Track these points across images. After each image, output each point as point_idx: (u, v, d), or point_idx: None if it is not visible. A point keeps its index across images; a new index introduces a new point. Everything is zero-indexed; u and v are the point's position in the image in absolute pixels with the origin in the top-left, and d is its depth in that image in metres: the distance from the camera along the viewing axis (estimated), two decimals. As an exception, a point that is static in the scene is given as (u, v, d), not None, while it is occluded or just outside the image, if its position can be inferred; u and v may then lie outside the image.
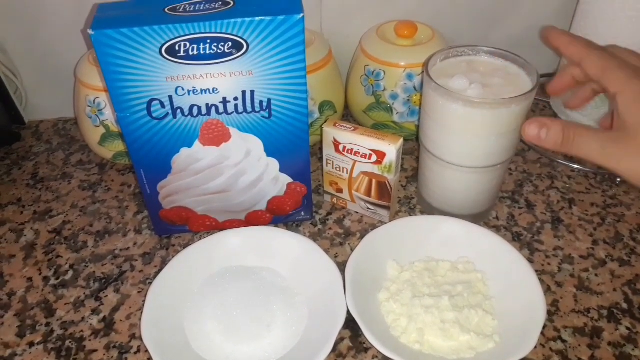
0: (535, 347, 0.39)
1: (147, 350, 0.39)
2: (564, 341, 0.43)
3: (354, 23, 0.63)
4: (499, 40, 0.67)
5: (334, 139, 0.50)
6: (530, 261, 0.49)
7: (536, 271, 0.44)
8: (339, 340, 0.43)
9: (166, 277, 0.44)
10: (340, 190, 0.54)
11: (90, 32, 0.37)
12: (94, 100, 0.54)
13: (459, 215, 0.50)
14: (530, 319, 0.41)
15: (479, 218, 0.52)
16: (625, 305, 0.45)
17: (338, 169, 0.52)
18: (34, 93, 0.67)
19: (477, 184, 0.49)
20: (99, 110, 0.55)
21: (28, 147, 0.65)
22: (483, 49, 0.48)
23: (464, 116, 0.43)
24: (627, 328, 0.43)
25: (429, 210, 0.53)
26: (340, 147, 0.50)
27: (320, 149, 0.52)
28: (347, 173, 0.51)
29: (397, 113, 0.58)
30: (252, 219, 0.51)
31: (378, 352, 0.40)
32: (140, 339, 0.41)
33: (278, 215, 0.52)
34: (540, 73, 0.45)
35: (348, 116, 0.67)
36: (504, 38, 0.67)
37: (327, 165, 0.52)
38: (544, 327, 0.41)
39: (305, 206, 0.52)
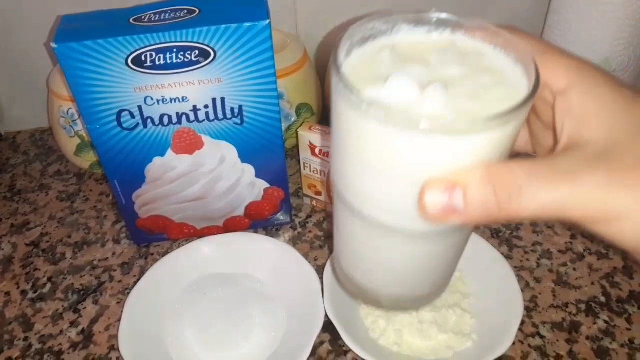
0: (514, 343, 0.39)
1: (125, 362, 0.39)
2: (542, 337, 0.43)
3: (330, 23, 0.63)
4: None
5: (310, 142, 0.49)
6: (509, 257, 0.49)
7: (515, 267, 0.44)
8: (319, 344, 0.43)
9: (143, 288, 0.44)
10: (319, 193, 0.53)
11: (53, 45, 0.37)
12: (67, 111, 0.54)
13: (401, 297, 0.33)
14: (508, 316, 0.41)
15: (424, 301, 0.35)
16: (603, 299, 0.46)
17: (315, 172, 0.52)
18: (10, 104, 0.66)
19: (437, 254, 0.30)
20: (72, 121, 0.54)
21: (5, 160, 0.64)
22: (407, 18, 0.27)
23: (427, 152, 0.22)
24: (605, 321, 0.44)
25: (355, 291, 0.34)
26: (316, 150, 0.50)
27: (299, 152, 0.52)
28: (324, 176, 0.51)
29: (375, 113, 0.58)
30: (231, 225, 0.51)
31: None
32: (119, 350, 0.41)
33: (257, 220, 0.52)
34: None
35: (327, 118, 0.66)
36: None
37: (304, 169, 0.52)
38: (523, 323, 0.42)
39: (284, 210, 0.52)
